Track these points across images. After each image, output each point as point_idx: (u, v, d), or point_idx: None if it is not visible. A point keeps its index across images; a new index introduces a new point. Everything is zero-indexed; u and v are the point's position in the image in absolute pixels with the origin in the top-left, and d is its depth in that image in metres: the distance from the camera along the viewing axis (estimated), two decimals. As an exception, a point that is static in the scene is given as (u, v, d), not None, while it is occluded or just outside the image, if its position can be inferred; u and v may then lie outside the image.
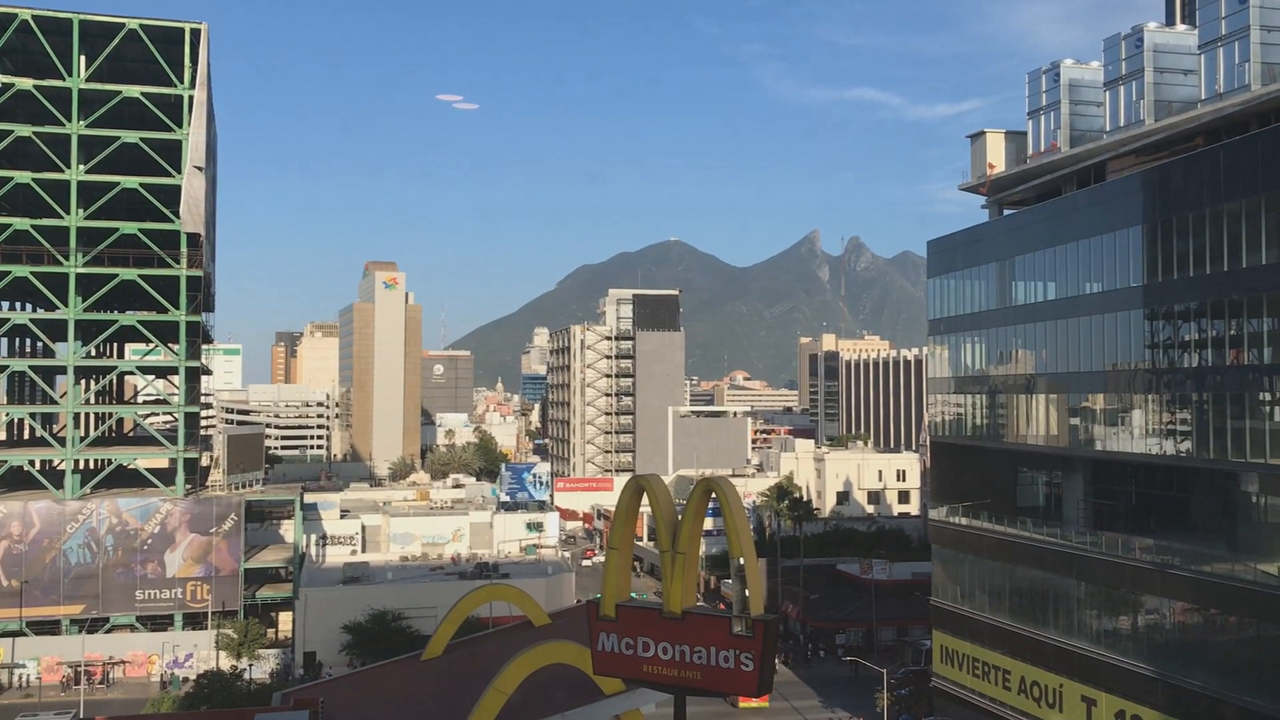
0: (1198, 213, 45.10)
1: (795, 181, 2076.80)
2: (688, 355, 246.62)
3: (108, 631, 79.42)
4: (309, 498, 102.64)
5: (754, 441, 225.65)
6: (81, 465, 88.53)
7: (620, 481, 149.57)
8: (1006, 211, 66.45)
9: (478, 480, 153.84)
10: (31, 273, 79.87)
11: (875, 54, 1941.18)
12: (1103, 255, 51.67)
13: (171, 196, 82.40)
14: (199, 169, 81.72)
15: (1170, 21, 70.71)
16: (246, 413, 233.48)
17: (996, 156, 65.78)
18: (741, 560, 22.23)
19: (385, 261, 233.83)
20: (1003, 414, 60.24)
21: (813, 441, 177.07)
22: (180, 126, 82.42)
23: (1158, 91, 54.91)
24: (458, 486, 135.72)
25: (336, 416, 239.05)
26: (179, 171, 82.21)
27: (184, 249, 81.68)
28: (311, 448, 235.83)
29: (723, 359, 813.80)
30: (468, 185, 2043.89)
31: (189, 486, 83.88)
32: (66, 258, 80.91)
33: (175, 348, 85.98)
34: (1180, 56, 54.93)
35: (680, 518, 24.41)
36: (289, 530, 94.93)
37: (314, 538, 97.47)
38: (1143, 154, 53.93)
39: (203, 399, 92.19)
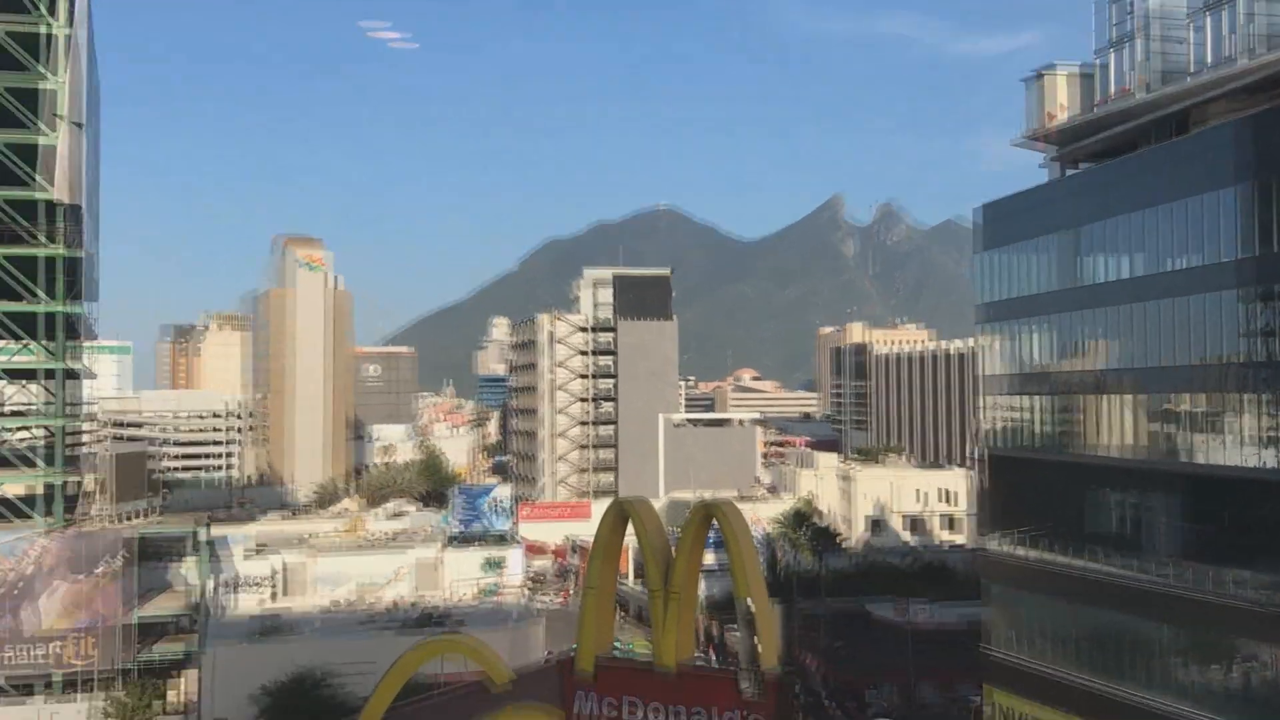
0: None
1: (814, 134, 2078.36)
2: (682, 350, 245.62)
3: (-39, 700, 78.87)
4: (214, 530, 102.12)
5: (765, 456, 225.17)
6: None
7: (600, 507, 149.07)
8: (1072, 170, 66.67)
9: (423, 507, 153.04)
10: None
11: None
12: (1192, 223, 51.89)
13: (38, 157, 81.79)
14: (77, 125, 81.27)
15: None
16: (138, 425, 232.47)
17: (1060, 102, 65.99)
18: (750, 603, 22.23)
19: (305, 237, 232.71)
20: (1070, 419, 60.47)
21: (837, 455, 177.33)
22: (52, 72, 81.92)
23: (1260, 23, 55.03)
24: (398, 515, 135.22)
25: (247, 430, 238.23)
26: (52, 129, 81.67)
27: (59, 223, 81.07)
28: (216, 468, 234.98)
29: (725, 354, 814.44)
30: (407, 143, 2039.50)
31: (67, 518, 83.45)
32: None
33: (51, 345, 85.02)
34: (1284, -22, 55.18)
35: (674, 551, 24.36)
36: (189, 571, 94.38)
37: (221, 580, 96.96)
38: (1240, 97, 54.13)
39: (84, 409, 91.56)
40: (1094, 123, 63.30)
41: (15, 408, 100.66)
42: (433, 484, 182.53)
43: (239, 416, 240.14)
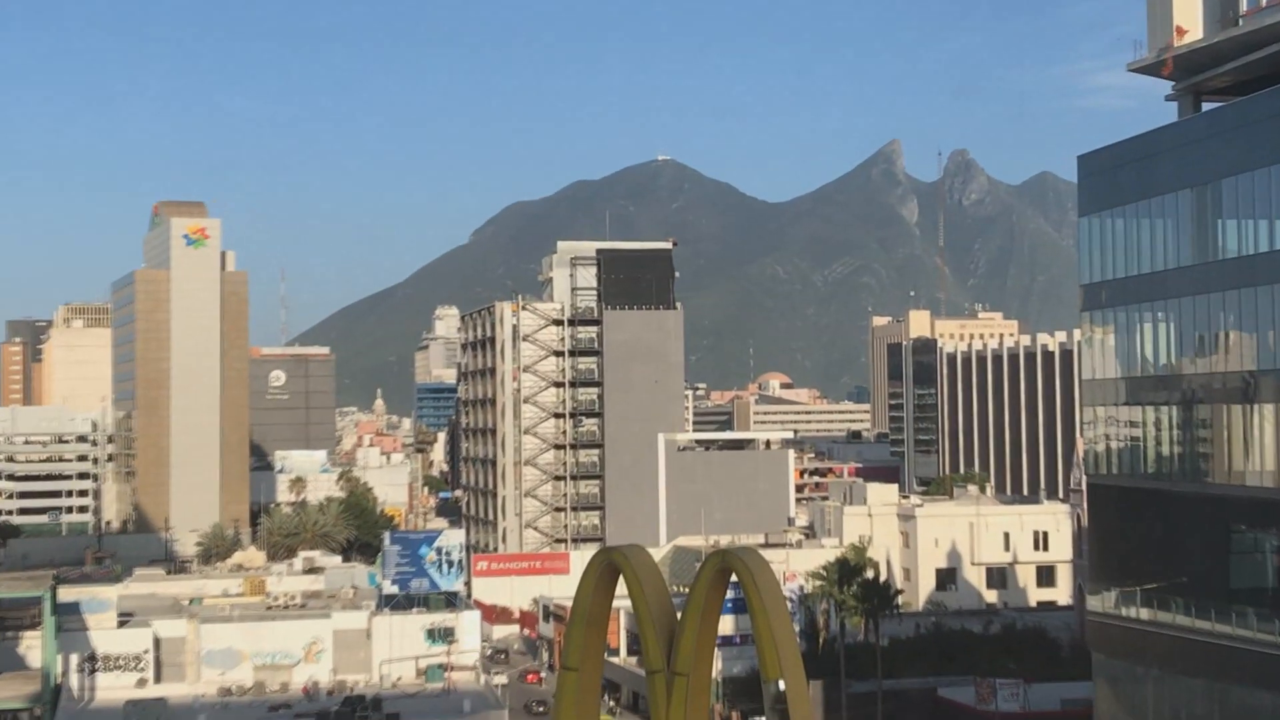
0: None
1: (858, 61, 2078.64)
2: (690, 348, 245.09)
3: None
4: (67, 593, 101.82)
5: (800, 488, 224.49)
6: None
7: (582, 559, 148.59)
8: (1206, 105, 66.62)
9: (346, 560, 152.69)
10: None
11: None
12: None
13: None
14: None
15: None
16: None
17: (1188, 16, 65.94)
18: (781, 684, 22.13)
19: (187, 202, 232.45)
20: (1206, 438, 60.39)
21: (895, 487, 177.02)
22: None
23: None
24: (313, 571, 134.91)
25: (111, 459, 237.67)
26: None
27: None
28: (69, 510, 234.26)
29: (747, 352, 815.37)
30: (321, 81, 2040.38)
31: None
32: None
33: None
34: None
35: (680, 616, 24.24)
36: (34, 648, 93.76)
37: (76, 659, 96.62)
38: None
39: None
40: (1233, 43, 63.21)
41: None
42: (358, 529, 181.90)
43: (97, 442, 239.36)
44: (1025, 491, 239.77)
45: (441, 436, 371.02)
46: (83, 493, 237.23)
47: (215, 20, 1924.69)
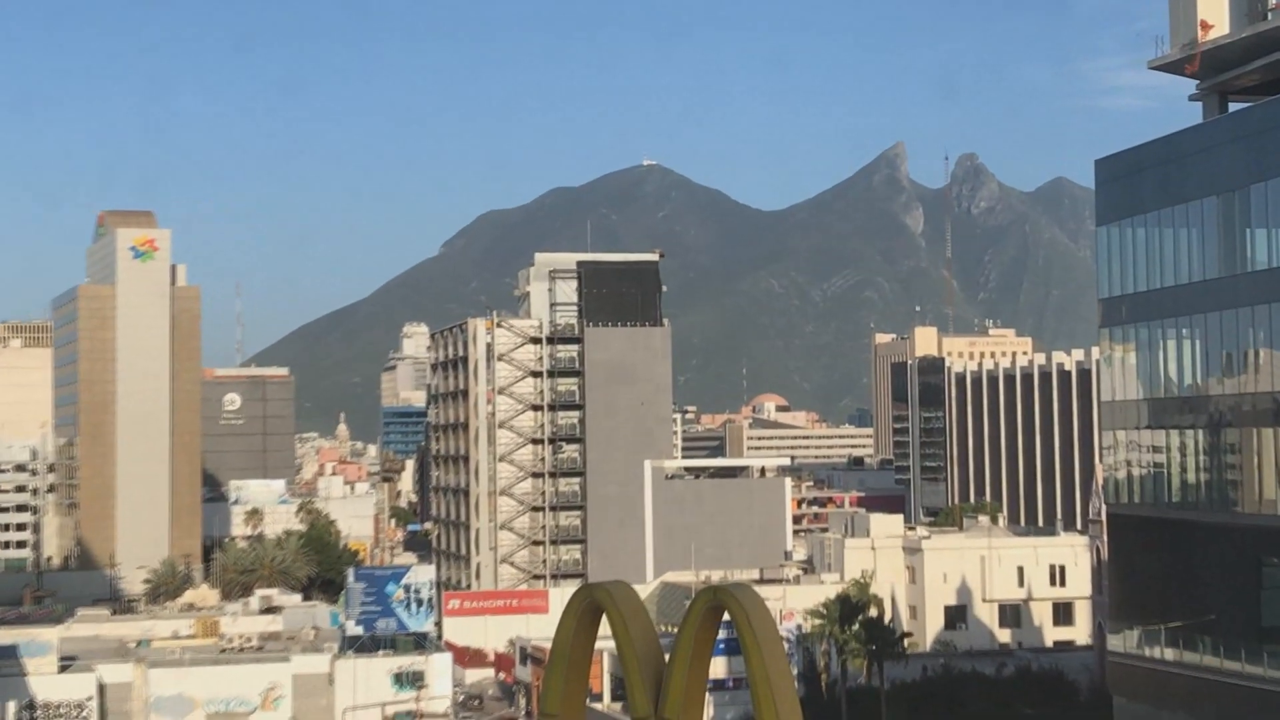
0: None
1: (860, 61, 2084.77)
2: (679, 368, 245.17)
3: None
4: (4, 636, 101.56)
5: (798, 519, 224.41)
6: None
7: (562, 596, 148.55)
8: (1233, 106, 66.81)
9: (306, 599, 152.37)
10: None
11: None
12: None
13: None
14: None
15: None
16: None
17: (1213, 9, 66.16)
18: (779, 733, 22.08)
19: (134, 211, 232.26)
20: (1234, 463, 60.45)
21: (900, 518, 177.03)
22: None
23: None
24: (270, 611, 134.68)
25: (51, 490, 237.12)
26: None
27: None
28: (7, 545, 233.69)
29: (739, 373, 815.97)
30: (280, 82, 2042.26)
31: None
32: None
33: None
34: None
35: (668, 659, 24.13)
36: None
37: (14, 707, 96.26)
38: None
39: None
40: (1264, 38, 63.43)
41: None
42: (320, 565, 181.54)
43: (37, 471, 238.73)
44: (1040, 522, 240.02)
45: (410, 464, 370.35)
46: (20, 526, 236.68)
47: (163, 13, 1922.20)
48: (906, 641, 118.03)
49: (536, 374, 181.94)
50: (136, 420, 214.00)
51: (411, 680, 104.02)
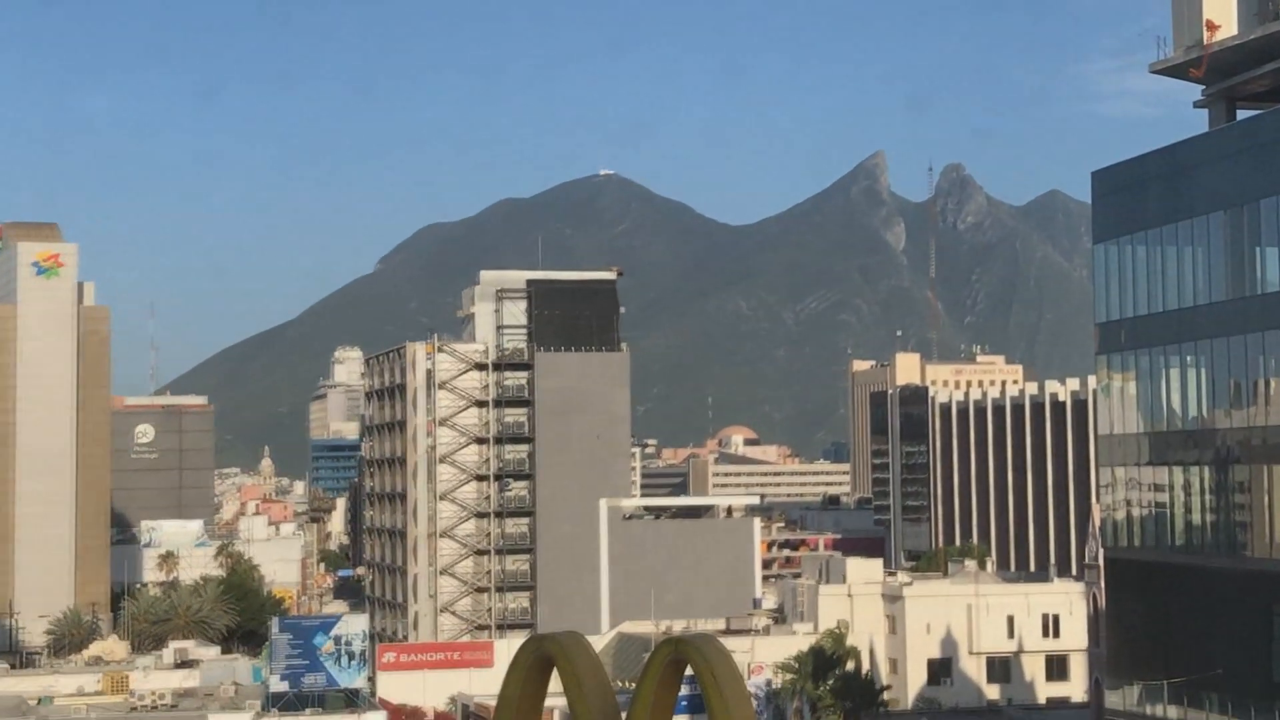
0: None
1: (836, 62, 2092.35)
2: (638, 397, 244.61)
3: None
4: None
5: (768, 564, 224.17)
6: None
7: (509, 649, 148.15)
8: (1241, 113, 67.11)
9: (226, 651, 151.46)
10: None
11: None
12: None
13: None
14: None
15: None
16: None
17: (1220, 9, 66.47)
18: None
19: (37, 224, 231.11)
20: (1243, 503, 60.59)
21: (880, 562, 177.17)
22: None
23: None
24: (185, 665, 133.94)
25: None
26: None
27: None
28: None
29: (705, 403, 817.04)
30: (198, 82, 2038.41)
31: None
32: None
33: None
34: None
35: (625, 717, 23.88)
36: None
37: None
38: None
39: None
40: (1275, 40, 63.71)
41: None
42: (241, 615, 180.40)
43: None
44: (1032, 567, 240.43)
45: (341, 503, 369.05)
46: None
47: (71, 8, 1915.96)
48: (886, 697, 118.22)
49: (482, 403, 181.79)
50: (37, 454, 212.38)
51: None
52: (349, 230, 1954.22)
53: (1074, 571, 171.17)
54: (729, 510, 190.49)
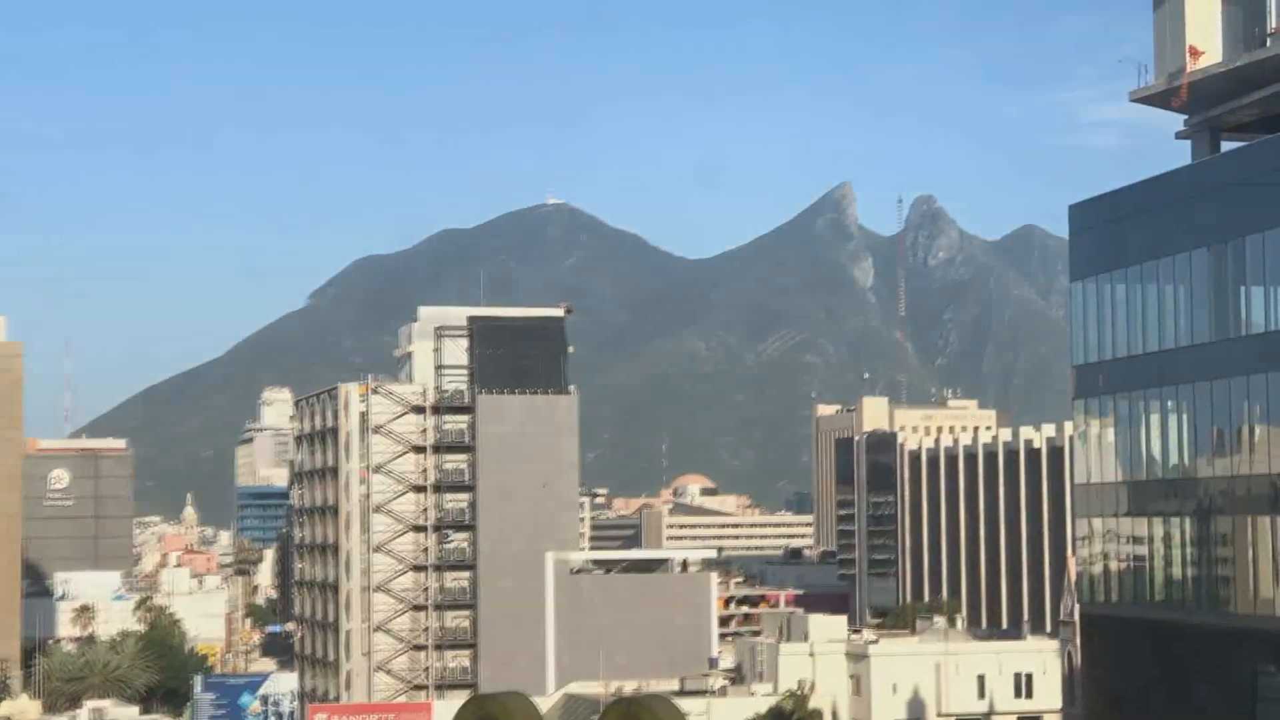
0: None
1: (802, 87, 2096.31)
2: (587, 443, 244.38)
3: None
4: None
5: (725, 621, 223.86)
6: None
7: (448, 709, 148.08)
8: (1226, 144, 67.87)
9: (146, 711, 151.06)
10: None
11: None
12: None
13: None
14: None
15: None
16: None
17: (1204, 34, 67.13)
18: None
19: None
20: (1226, 556, 61.11)
21: (844, 619, 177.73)
22: None
23: None
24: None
25: None
26: None
27: None
28: None
29: (659, 449, 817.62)
30: (118, 97, 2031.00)
31: None
32: None
33: None
34: None
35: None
36: None
37: None
38: None
39: None
40: (1261, 67, 64.39)
41: None
42: (162, 672, 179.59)
43: None
44: (1004, 624, 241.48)
45: (269, 554, 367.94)
46: None
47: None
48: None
49: (420, 449, 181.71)
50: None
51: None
52: (278, 262, 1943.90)
53: (1048, 628, 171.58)
54: (684, 564, 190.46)
